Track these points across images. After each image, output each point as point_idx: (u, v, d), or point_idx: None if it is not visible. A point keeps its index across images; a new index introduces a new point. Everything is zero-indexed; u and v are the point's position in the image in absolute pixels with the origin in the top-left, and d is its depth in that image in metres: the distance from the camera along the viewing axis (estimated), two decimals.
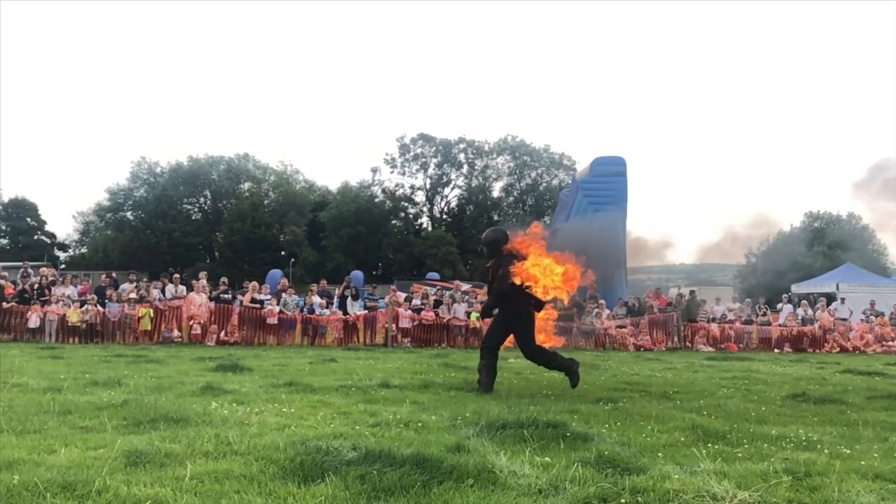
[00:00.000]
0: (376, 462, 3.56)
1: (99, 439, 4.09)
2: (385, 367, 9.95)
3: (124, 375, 7.77)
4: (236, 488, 3.14)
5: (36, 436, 4.17)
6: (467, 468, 3.53)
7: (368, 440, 4.20)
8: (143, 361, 10.18)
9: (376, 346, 16.30)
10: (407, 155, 61.88)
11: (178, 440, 4.08)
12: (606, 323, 18.52)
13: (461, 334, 17.55)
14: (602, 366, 11.37)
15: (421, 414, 5.39)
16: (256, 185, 61.23)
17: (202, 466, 3.48)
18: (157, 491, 3.01)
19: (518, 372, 9.79)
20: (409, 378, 8.31)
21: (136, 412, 4.98)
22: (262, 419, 4.98)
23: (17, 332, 15.54)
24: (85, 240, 62.06)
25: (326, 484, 3.24)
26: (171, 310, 16.55)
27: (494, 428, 4.69)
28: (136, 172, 59.68)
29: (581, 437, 4.50)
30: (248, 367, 9.04)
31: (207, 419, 4.84)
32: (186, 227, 57.35)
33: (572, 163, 59.17)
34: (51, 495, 2.89)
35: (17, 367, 8.73)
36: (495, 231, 8.00)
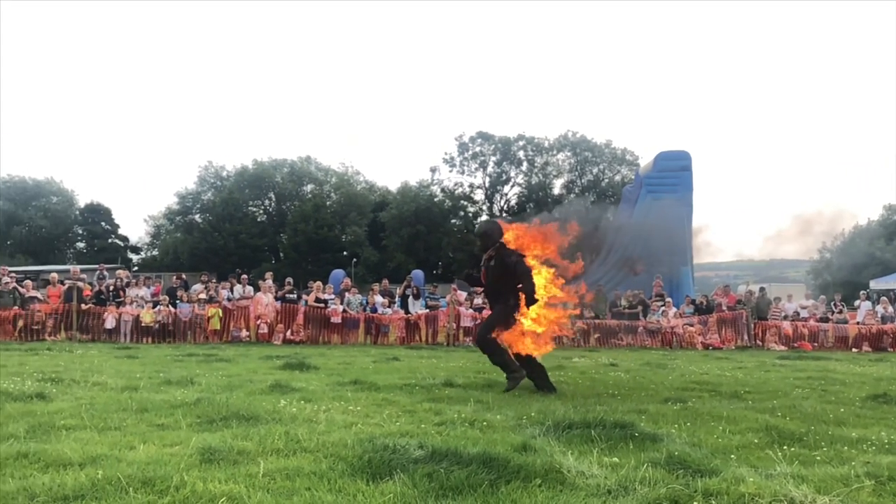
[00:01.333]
0: (443, 460, 3.56)
1: (174, 436, 4.22)
2: (448, 366, 9.97)
3: (196, 374, 8.01)
4: (307, 485, 3.19)
5: (116, 432, 4.33)
6: (534, 468, 3.50)
7: (434, 438, 4.21)
8: (213, 360, 10.47)
9: (438, 345, 16.36)
10: (466, 153, 61.93)
11: (249, 438, 4.17)
12: (673, 321, 18.11)
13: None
14: (669, 365, 11.13)
15: (485, 413, 5.38)
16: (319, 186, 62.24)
17: (273, 463, 3.55)
18: (231, 487, 3.08)
19: (583, 371, 9.67)
20: (473, 377, 8.31)
21: (208, 410, 5.12)
22: (329, 417, 5.05)
23: (94, 332, 16.19)
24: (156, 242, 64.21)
25: (394, 482, 3.26)
26: (239, 310, 16.98)
27: (561, 428, 4.64)
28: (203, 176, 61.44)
29: (650, 437, 4.41)
30: (314, 366, 9.20)
31: (277, 417, 4.94)
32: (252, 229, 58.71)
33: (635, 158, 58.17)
34: (132, 490, 2.99)
35: (96, 366, 9.10)
36: (489, 223, 7.88)
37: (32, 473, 3.25)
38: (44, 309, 16.11)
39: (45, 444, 3.83)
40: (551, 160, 62.40)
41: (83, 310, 16.28)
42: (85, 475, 3.17)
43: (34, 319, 15.78)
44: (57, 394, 6.02)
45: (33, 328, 15.69)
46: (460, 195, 61.77)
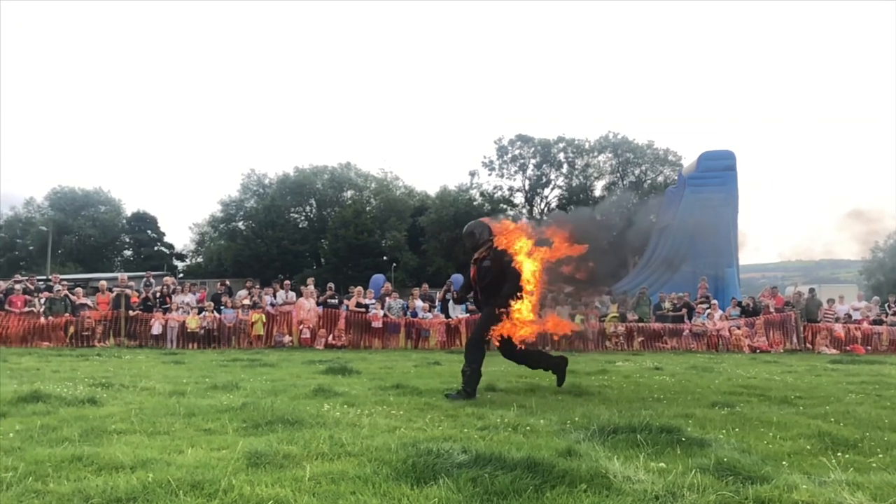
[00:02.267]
0: (487, 465, 3.54)
1: (221, 441, 4.28)
2: (489, 371, 9.91)
3: (241, 379, 8.12)
4: (352, 489, 3.20)
5: (165, 437, 4.41)
6: (580, 473, 3.46)
7: (478, 443, 4.20)
8: (257, 365, 10.62)
9: None
10: (505, 157, 61.81)
11: (294, 442, 4.21)
12: (719, 324, 17.80)
13: (565, 337, 17.30)
14: (716, 368, 10.92)
15: (528, 417, 5.34)
16: (358, 192, 62.81)
17: (318, 467, 3.57)
18: (278, 491, 3.11)
19: (627, 375, 9.55)
20: (515, 381, 8.28)
21: (254, 414, 5.18)
22: (372, 421, 5.07)
23: (142, 338, 16.57)
24: (200, 249, 65.51)
25: (439, 486, 3.25)
26: (282, 315, 17.21)
27: (605, 432, 4.58)
28: (246, 184, 62.51)
29: (697, 442, 4.33)
30: (356, 370, 9.26)
31: (321, 421, 4.98)
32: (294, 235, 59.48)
33: (678, 158, 57.38)
34: (182, 493, 3.04)
35: (144, 371, 9.30)
36: (476, 223, 7.56)
37: (86, 476, 3.32)
38: (93, 316, 16.55)
39: (98, 448, 3.91)
40: (592, 162, 61.90)
41: (131, 316, 16.69)
42: (136, 478, 3.23)
43: (84, 326, 16.22)
44: (107, 398, 6.16)
45: (83, 334, 16.13)
46: (500, 199, 61.67)
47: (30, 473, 3.32)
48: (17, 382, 7.22)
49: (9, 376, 8.06)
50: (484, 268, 7.14)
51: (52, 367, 9.65)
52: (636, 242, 35.75)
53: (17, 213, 62.71)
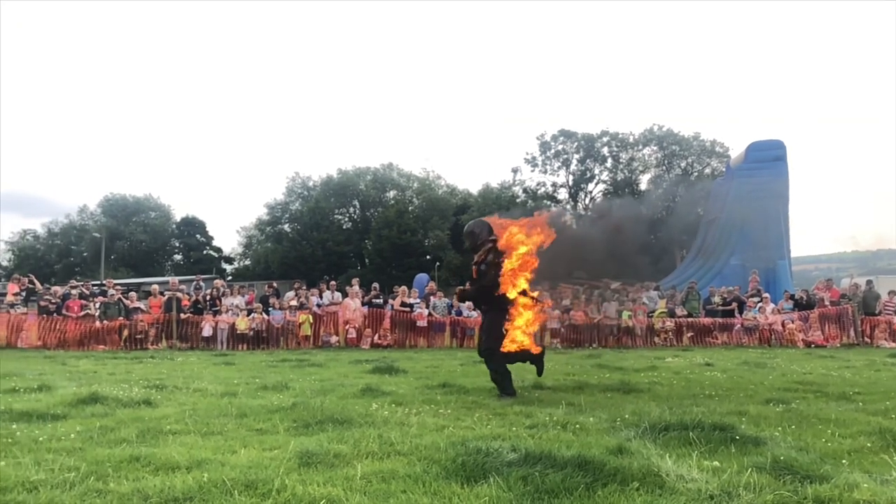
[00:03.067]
0: (537, 463, 3.53)
1: (273, 440, 4.34)
2: None
3: (290, 379, 8.23)
4: (402, 488, 3.22)
5: (218, 437, 4.49)
6: (631, 471, 3.42)
7: (527, 441, 4.17)
8: (305, 365, 10.75)
9: None
10: (548, 152, 61.36)
11: (344, 441, 4.25)
12: (771, 318, 17.38)
13: (613, 334, 17.13)
14: (769, 364, 10.67)
15: (578, 415, 5.29)
16: (401, 192, 63.12)
17: (369, 466, 3.60)
18: (330, 490, 3.14)
19: (677, 371, 9.40)
20: (562, 379, 8.21)
21: (304, 414, 5.24)
22: (420, 420, 5.09)
23: (193, 340, 16.92)
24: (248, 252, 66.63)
25: (489, 485, 3.25)
26: (328, 315, 17.40)
27: (657, 430, 4.51)
28: (291, 187, 63.35)
29: (752, 440, 4.24)
30: (403, 370, 9.30)
31: (369, 420, 5.02)
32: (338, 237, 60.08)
33: (725, 150, 56.18)
34: (237, 492, 3.10)
35: (196, 373, 9.49)
36: (477, 222, 7.43)
37: (144, 476, 3.41)
38: (146, 319, 16.95)
39: (155, 448, 4.01)
40: (637, 155, 61.01)
41: (182, 319, 17.05)
42: (192, 478, 3.30)
43: (138, 329, 16.63)
44: (162, 400, 6.30)
45: (137, 337, 16.53)
46: (543, 195, 61.25)
47: (91, 473, 3.42)
48: (76, 385, 7.44)
49: (68, 379, 8.31)
50: (482, 271, 7.05)
51: (108, 370, 9.92)
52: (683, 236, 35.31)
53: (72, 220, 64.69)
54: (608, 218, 7.59)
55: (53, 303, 16.97)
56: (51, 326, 16.34)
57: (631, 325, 17.17)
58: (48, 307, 16.77)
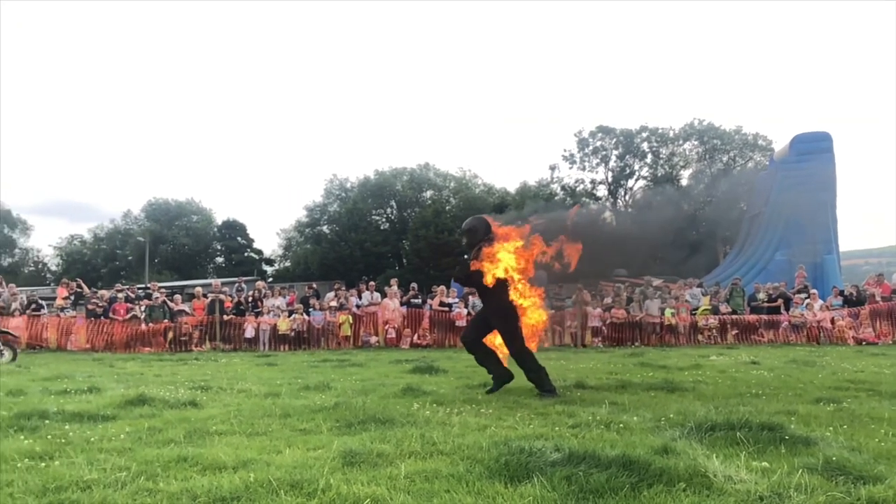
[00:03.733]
0: (581, 463, 3.49)
1: (317, 440, 4.38)
2: (578, 368, 9.80)
3: (332, 379, 8.30)
4: (446, 487, 3.22)
5: (263, 437, 4.54)
6: (677, 471, 3.37)
7: (570, 441, 4.14)
8: (346, 365, 10.84)
9: (565, 347, 16.15)
10: (586, 149, 60.68)
11: (387, 440, 4.26)
12: (819, 314, 16.96)
13: (655, 332, 16.91)
14: (818, 362, 10.41)
15: (621, 415, 5.23)
16: (438, 192, 63.16)
17: (412, 466, 3.60)
18: (374, 490, 3.15)
19: (722, 370, 9.23)
20: (605, 378, 8.12)
21: (346, 414, 5.28)
22: (462, 420, 5.08)
23: (235, 341, 17.20)
24: (287, 254, 67.35)
25: (533, 484, 3.23)
26: (367, 316, 17.52)
27: (703, 429, 4.43)
28: (329, 189, 63.88)
29: (802, 440, 4.13)
30: (443, 369, 9.31)
31: (411, 420, 5.02)
32: (376, 237, 60.36)
33: (768, 143, 54.87)
34: (283, 492, 3.13)
35: (239, 374, 9.63)
36: (475, 219, 7.32)
37: (192, 476, 3.46)
38: (190, 321, 17.27)
39: (202, 449, 4.07)
40: (677, 150, 60.02)
41: (225, 321, 17.33)
42: (239, 478, 3.34)
43: (182, 331, 16.95)
44: (207, 401, 6.40)
45: (181, 339, 16.86)
46: (582, 192, 60.62)
47: (141, 473, 3.49)
48: (124, 387, 7.61)
49: (116, 381, 8.51)
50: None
51: (154, 372, 10.13)
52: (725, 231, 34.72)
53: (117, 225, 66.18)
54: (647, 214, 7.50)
55: (101, 306, 17.40)
56: (98, 329, 16.77)
57: (674, 322, 16.93)
58: (95, 310, 17.20)
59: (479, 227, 7.13)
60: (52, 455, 3.96)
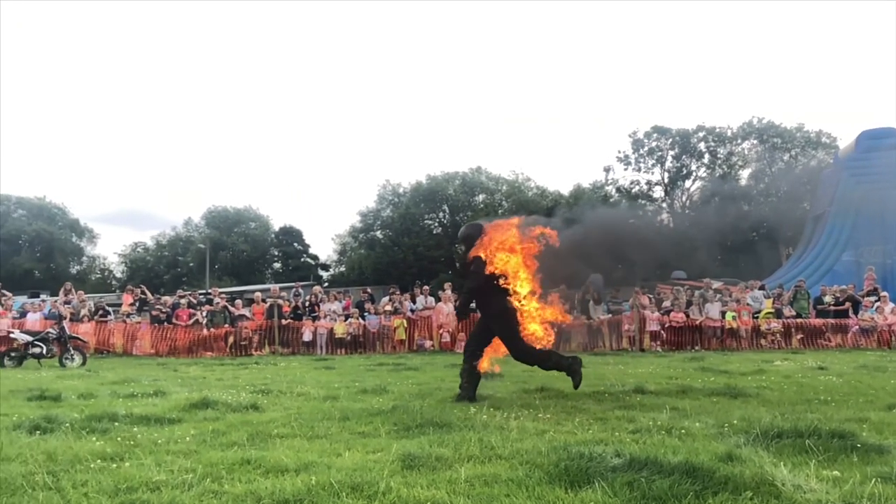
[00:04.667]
0: (643, 469, 3.44)
1: (376, 443, 4.42)
2: (636, 372, 9.65)
3: (388, 383, 8.38)
4: (506, 492, 3.20)
5: (323, 440, 4.60)
6: (743, 479, 3.28)
7: (631, 447, 4.07)
8: (402, 369, 10.90)
9: (623, 351, 15.92)
10: (641, 150, 59.73)
11: (445, 444, 4.27)
12: (890, 318, 16.31)
13: (716, 336, 16.52)
14: (890, 368, 10.01)
15: (683, 420, 5.12)
16: (490, 195, 63.06)
17: (471, 470, 3.60)
18: (434, 493, 3.16)
19: (787, 375, 8.96)
20: (665, 383, 7.97)
21: (404, 418, 5.31)
22: (520, 424, 5.06)
23: (294, 345, 17.50)
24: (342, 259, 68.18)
25: (594, 490, 3.19)
26: (422, 320, 17.60)
27: (769, 437, 4.31)
28: (382, 194, 64.44)
29: (875, 448, 3.98)
30: (499, 374, 9.27)
31: (469, 424, 5.02)
32: (429, 242, 60.60)
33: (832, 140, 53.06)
34: (344, 495, 3.16)
35: (298, 377, 9.79)
36: (470, 226, 7.37)
37: (256, 478, 3.53)
38: (250, 326, 17.65)
39: (264, 452, 4.15)
40: (736, 150, 58.55)
41: (283, 325, 17.65)
42: (301, 480, 3.39)
43: (242, 336, 17.33)
44: (268, 404, 6.53)
45: (242, 344, 17.24)
46: (637, 194, 59.69)
47: (207, 475, 3.58)
48: (188, 390, 7.82)
49: (180, 385, 8.75)
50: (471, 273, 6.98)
51: (216, 376, 10.37)
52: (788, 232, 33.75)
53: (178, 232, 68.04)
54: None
55: (164, 312, 17.92)
56: (162, 335, 17.27)
57: (735, 326, 16.51)
58: (159, 316, 17.72)
59: (475, 234, 7.16)
60: (122, 456, 4.09)
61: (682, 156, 58.90)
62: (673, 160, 59.31)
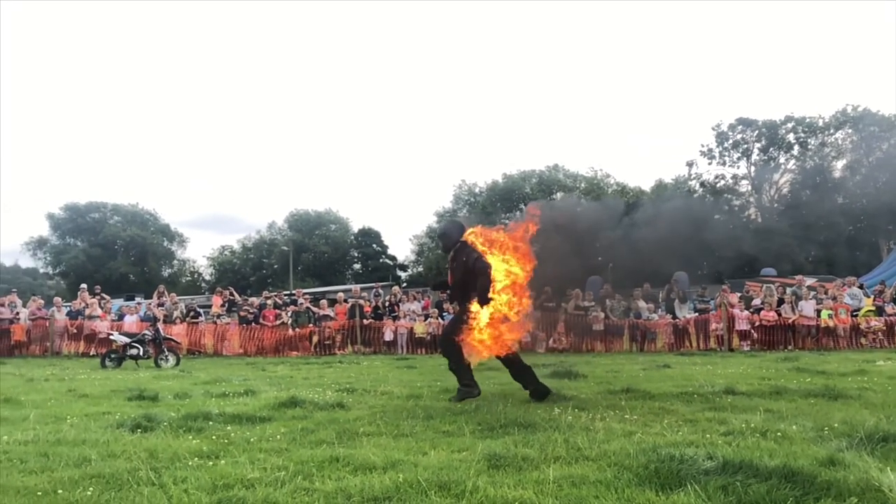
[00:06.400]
0: (737, 473, 3.32)
1: (460, 443, 4.43)
2: (726, 373, 9.34)
3: None
4: (594, 493, 3.16)
5: (408, 439, 4.65)
6: (847, 485, 3.13)
7: (724, 449, 3.94)
8: (483, 369, 10.84)
9: (711, 351, 15.44)
10: (725, 143, 57.72)
11: (530, 445, 4.25)
12: None
13: (811, 335, 15.78)
14: None
15: (778, 423, 4.92)
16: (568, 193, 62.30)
17: (557, 471, 3.56)
18: (521, 493, 3.15)
19: (891, 376, 8.48)
20: (757, 384, 7.67)
21: (487, 417, 5.31)
22: (606, 425, 4.97)
23: (375, 344, 17.77)
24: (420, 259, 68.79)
25: (686, 493, 3.10)
26: None
27: (874, 440, 4.09)
28: (458, 195, 64.74)
29: None
30: (582, 374, 9.17)
31: (553, 424, 4.97)
32: None
33: None
34: (432, 493, 3.19)
35: (381, 376, 9.94)
36: (450, 223, 7.38)
37: (345, 476, 3.59)
38: (333, 326, 18.04)
39: (352, 450, 4.22)
40: (828, 140, 55.77)
41: (365, 325, 17.95)
42: (388, 478, 3.44)
43: (326, 335, 17.73)
44: (353, 403, 6.65)
45: (325, 343, 17.63)
46: (723, 188, 57.67)
47: (298, 472, 3.67)
48: (277, 389, 8.05)
49: (268, 384, 9.01)
50: (454, 268, 6.97)
51: (302, 375, 10.64)
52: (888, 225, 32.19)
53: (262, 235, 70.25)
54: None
55: (251, 313, 18.52)
56: (250, 335, 17.85)
57: (832, 325, 15.74)
58: (247, 317, 18.32)
59: (453, 231, 7.23)
60: (217, 454, 4.23)
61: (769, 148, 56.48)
62: (760, 153, 56.95)
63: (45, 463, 4.07)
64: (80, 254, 60.02)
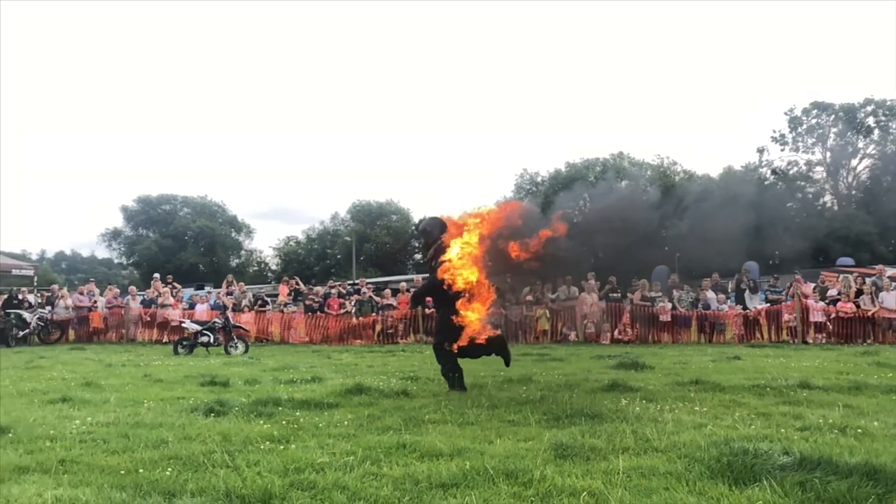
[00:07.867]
0: (815, 469, 3.22)
1: (526, 432, 4.41)
2: (800, 366, 9.03)
3: (533, 373, 8.35)
4: (664, 485, 3.11)
5: (474, 427, 4.66)
6: None
7: (800, 445, 3.81)
8: (546, 360, 10.83)
9: (783, 343, 14.95)
10: (799, 128, 55.50)
11: (597, 435, 4.20)
12: None
13: (892, 328, 15.08)
14: None
15: (858, 419, 4.73)
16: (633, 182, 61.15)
17: (626, 462, 3.52)
18: (590, 483, 3.12)
19: None
20: (834, 378, 7.39)
21: (553, 408, 5.28)
22: (675, 417, 4.88)
23: None
24: None
25: (762, 488, 3.02)
26: (565, 310, 17.38)
27: None
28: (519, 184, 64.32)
29: None
30: (649, 365, 9.00)
31: (621, 416, 4.91)
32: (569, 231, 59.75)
33: None
34: (500, 481, 3.19)
35: None
36: (430, 221, 7.23)
37: (412, 462, 3.63)
38: (396, 315, 18.20)
39: (418, 437, 4.26)
40: None
41: (427, 314, 18.04)
42: (455, 465, 3.46)
43: (389, 324, 17.90)
44: (417, 391, 6.71)
45: (388, 332, 17.80)
46: (796, 175, 55.52)
47: (366, 458, 3.72)
48: (342, 377, 8.19)
49: (334, 371, 9.17)
50: (432, 268, 6.85)
51: (366, 363, 10.78)
52: None
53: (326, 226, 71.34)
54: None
55: (317, 301, 18.85)
56: (315, 323, 18.18)
57: None
58: (312, 306, 18.66)
59: (434, 228, 7.13)
60: (287, 438, 4.34)
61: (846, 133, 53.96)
62: (836, 138, 54.51)
63: (125, 444, 4.25)
64: (152, 244, 62.15)
